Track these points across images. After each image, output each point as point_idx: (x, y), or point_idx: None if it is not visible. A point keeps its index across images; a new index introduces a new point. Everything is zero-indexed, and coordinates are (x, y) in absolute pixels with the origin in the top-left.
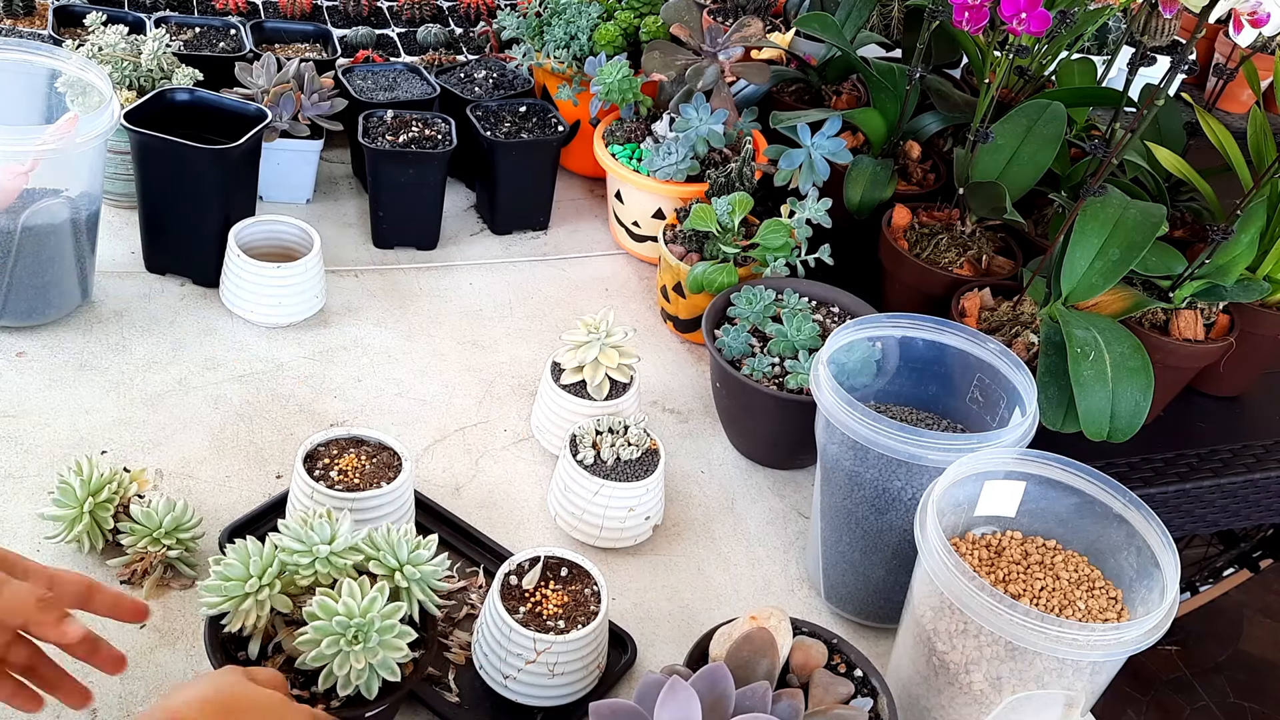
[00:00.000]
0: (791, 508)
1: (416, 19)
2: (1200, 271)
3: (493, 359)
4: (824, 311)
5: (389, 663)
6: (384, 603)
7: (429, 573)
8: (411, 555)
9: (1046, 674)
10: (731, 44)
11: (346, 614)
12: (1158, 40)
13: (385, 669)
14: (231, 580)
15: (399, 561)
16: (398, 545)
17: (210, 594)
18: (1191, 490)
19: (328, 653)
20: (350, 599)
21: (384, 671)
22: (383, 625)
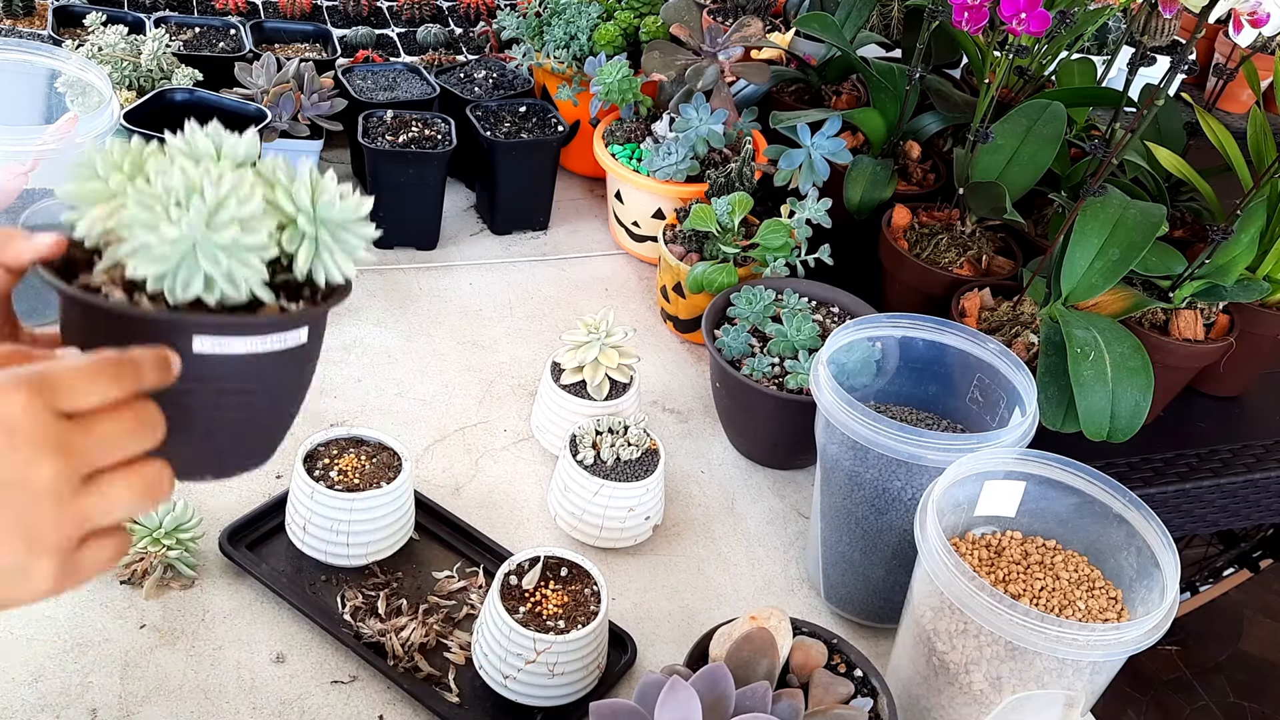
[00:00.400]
0: (791, 508)
1: (416, 19)
2: (1200, 271)
3: (493, 359)
4: (824, 311)
5: (243, 257)
6: (253, 198)
7: (337, 218)
8: (323, 203)
9: (1046, 674)
10: (731, 44)
11: (182, 181)
12: (1158, 40)
13: (245, 264)
14: (89, 171)
15: (297, 203)
16: (310, 182)
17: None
18: (1191, 490)
19: (140, 215)
20: (191, 165)
21: (223, 279)
22: (222, 200)
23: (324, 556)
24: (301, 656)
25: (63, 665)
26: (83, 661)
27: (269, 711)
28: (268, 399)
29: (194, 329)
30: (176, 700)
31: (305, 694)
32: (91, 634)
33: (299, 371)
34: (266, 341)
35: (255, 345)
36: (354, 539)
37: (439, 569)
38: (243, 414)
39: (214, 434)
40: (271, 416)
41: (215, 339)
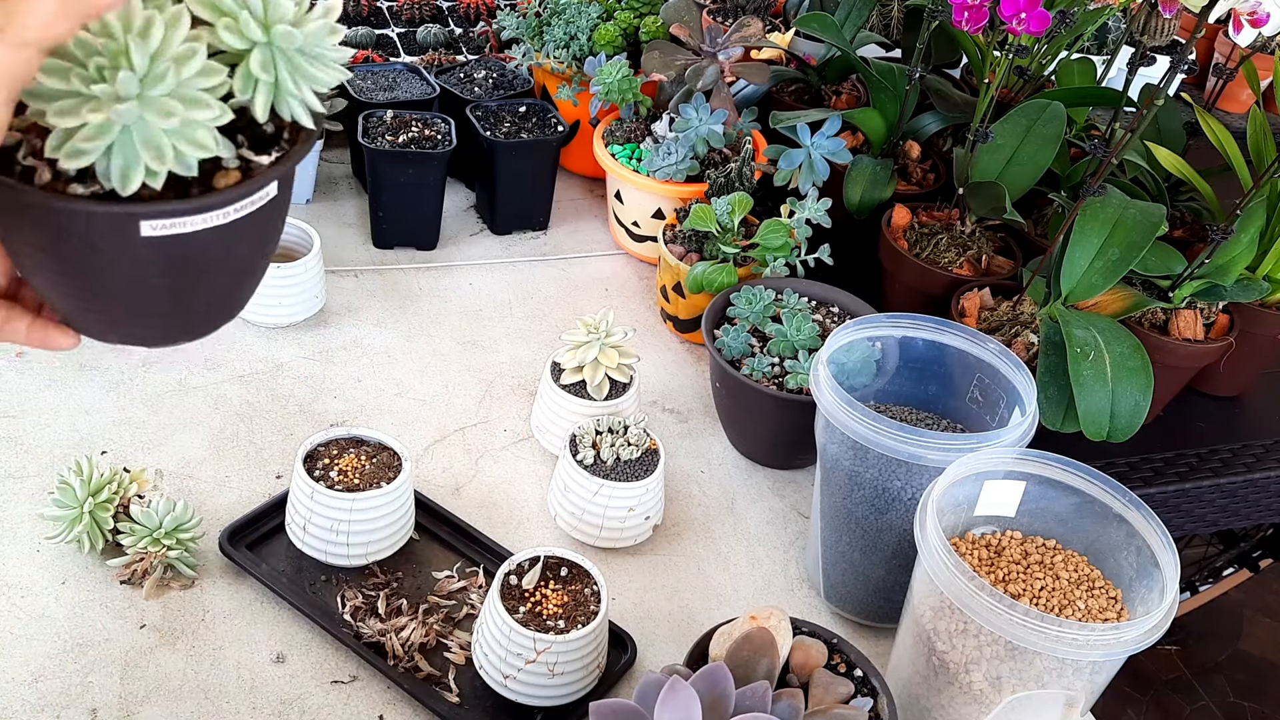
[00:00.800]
0: (791, 508)
1: (416, 19)
2: (1200, 271)
3: (493, 359)
4: (824, 311)
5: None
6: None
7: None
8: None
9: (1046, 674)
10: (731, 44)
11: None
12: (1157, 40)
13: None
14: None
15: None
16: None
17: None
18: (1191, 490)
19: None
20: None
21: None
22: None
23: (324, 556)
24: (301, 656)
25: (63, 665)
26: (83, 661)
27: (269, 711)
28: (236, 260)
29: (140, 216)
30: (176, 700)
31: (305, 694)
32: (91, 634)
33: (267, 224)
34: (228, 213)
35: (215, 219)
36: (354, 539)
37: (439, 569)
38: (210, 280)
39: (181, 304)
40: (243, 274)
41: (167, 222)
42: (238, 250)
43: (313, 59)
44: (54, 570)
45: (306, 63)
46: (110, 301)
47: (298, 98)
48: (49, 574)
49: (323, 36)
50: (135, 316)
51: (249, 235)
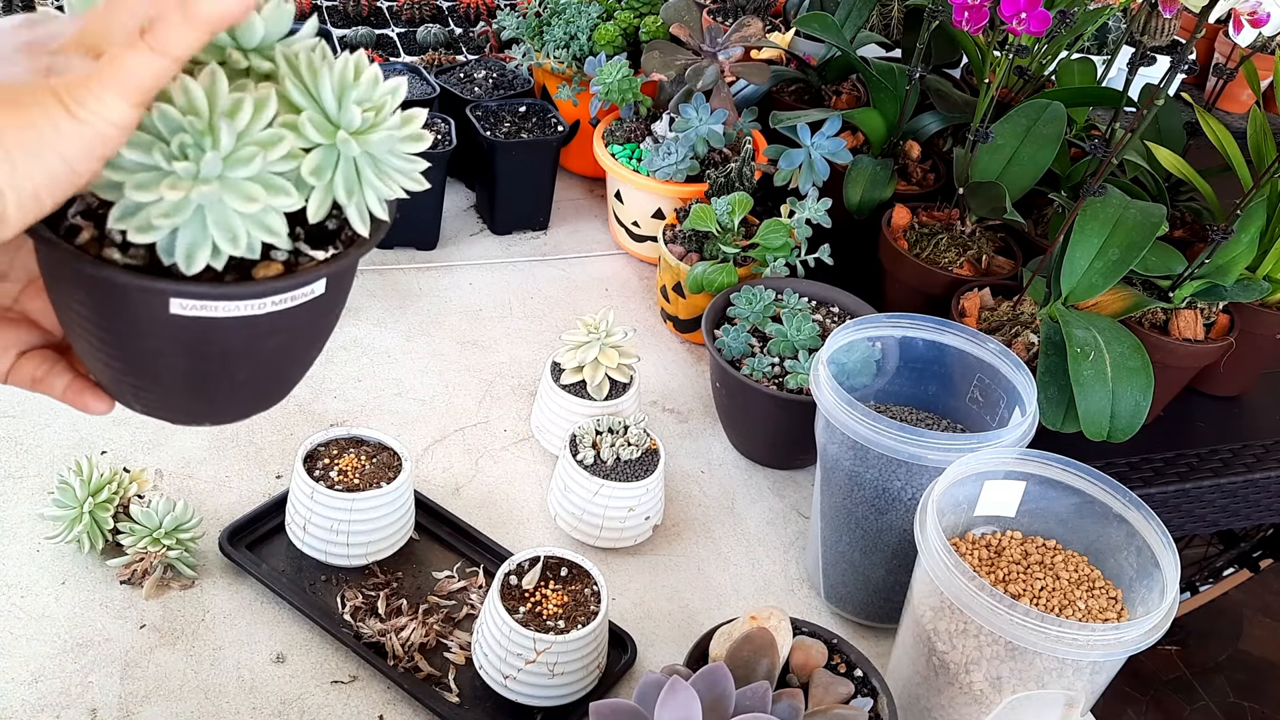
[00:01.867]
0: (791, 508)
1: (416, 19)
2: (1200, 271)
3: (493, 359)
4: (824, 311)
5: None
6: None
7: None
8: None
9: (1046, 674)
10: (731, 44)
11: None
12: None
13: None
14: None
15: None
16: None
17: None
18: (1191, 490)
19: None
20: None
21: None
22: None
23: (324, 556)
24: (301, 656)
25: (63, 665)
26: (83, 661)
27: (269, 711)
28: (264, 355)
29: (171, 294)
30: (176, 700)
31: (305, 694)
32: (91, 634)
33: (309, 322)
34: (263, 304)
35: (247, 309)
36: (354, 539)
37: (439, 569)
38: (234, 370)
39: (215, 389)
40: (277, 370)
41: (198, 303)
42: (268, 344)
43: (378, 167)
44: (54, 570)
45: (370, 169)
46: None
47: (355, 203)
48: (49, 574)
49: (392, 146)
50: (157, 390)
51: (285, 331)
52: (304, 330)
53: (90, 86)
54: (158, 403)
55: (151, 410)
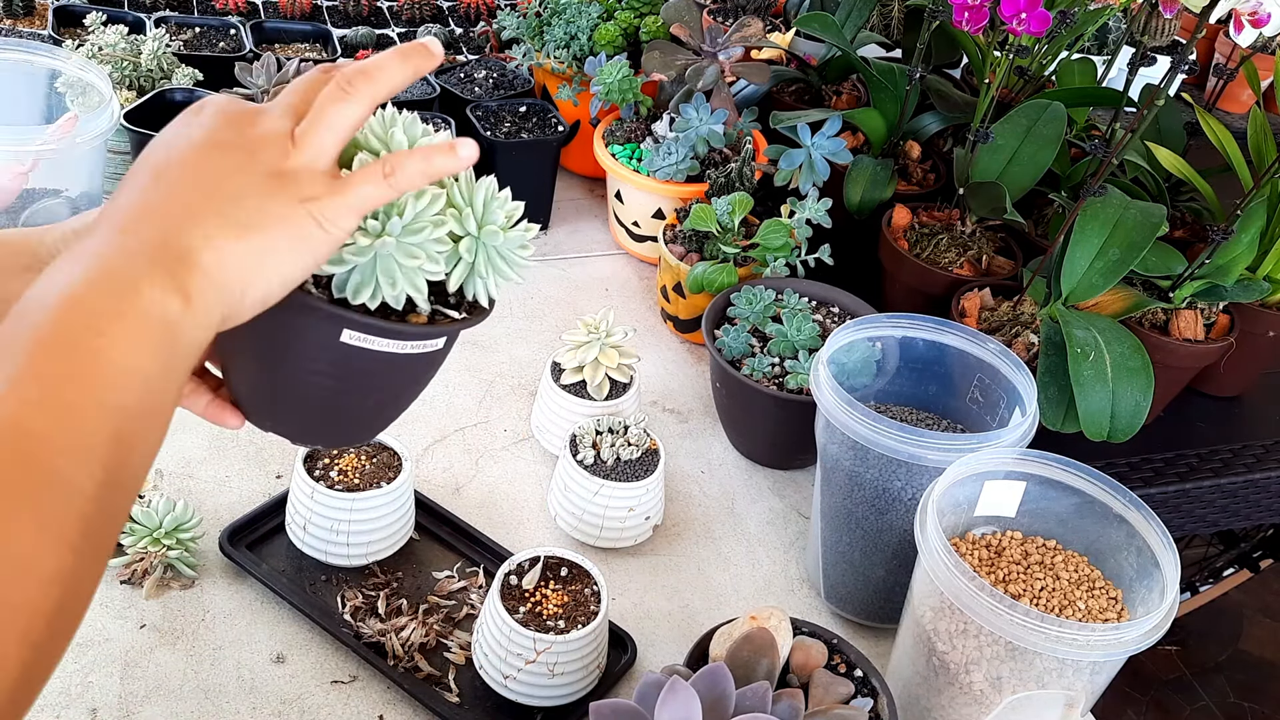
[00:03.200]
0: (791, 508)
1: (416, 19)
2: (1200, 271)
3: (493, 359)
4: (824, 311)
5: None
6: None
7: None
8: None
9: (1046, 674)
10: (731, 44)
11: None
12: (1158, 40)
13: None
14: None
15: (466, 227)
16: (484, 202)
17: None
18: (1191, 490)
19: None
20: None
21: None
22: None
23: (324, 556)
24: (301, 656)
25: (63, 665)
26: (83, 661)
27: (269, 711)
28: (390, 391)
29: (346, 323)
30: (176, 700)
31: (305, 694)
32: (91, 634)
33: (426, 371)
34: (404, 345)
35: (396, 347)
36: (354, 539)
37: (439, 569)
38: (368, 399)
39: (346, 411)
40: (390, 404)
41: (363, 336)
42: (397, 379)
43: (504, 258)
44: None
45: (500, 259)
46: (283, 387)
47: (484, 281)
48: None
49: (516, 245)
50: (296, 409)
51: (411, 370)
52: (421, 375)
53: (338, 209)
54: (289, 419)
55: (278, 427)
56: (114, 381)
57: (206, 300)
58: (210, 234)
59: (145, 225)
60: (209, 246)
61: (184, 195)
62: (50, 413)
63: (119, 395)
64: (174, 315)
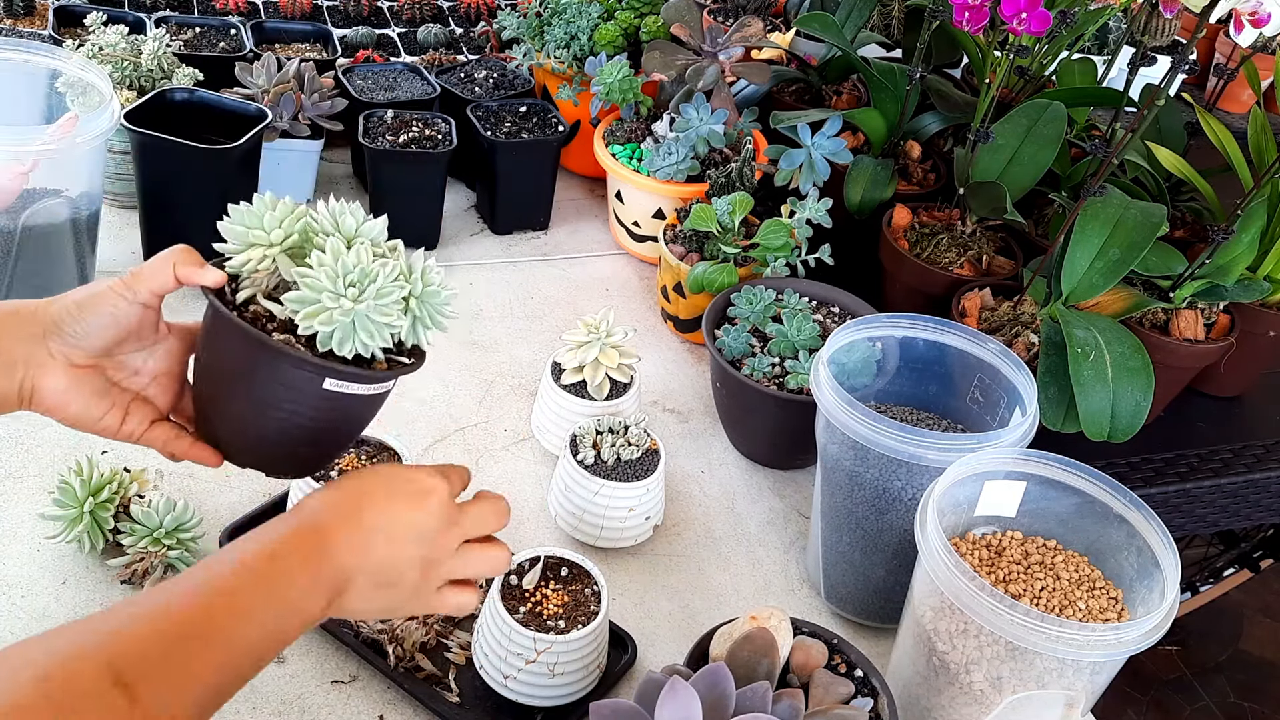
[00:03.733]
0: (791, 508)
1: (416, 19)
2: (1200, 271)
3: (493, 359)
4: (824, 311)
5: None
6: (390, 275)
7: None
8: (427, 290)
9: (1047, 674)
10: (732, 44)
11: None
12: (1158, 40)
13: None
14: (251, 229)
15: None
16: (422, 270)
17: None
18: (1191, 490)
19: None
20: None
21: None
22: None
23: None
24: (301, 656)
25: None
26: None
27: (269, 711)
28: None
29: (330, 374)
30: None
31: (305, 694)
32: None
33: (377, 407)
34: (370, 388)
35: (364, 389)
36: None
37: None
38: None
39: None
40: (346, 438)
41: (341, 382)
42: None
43: (439, 312)
44: (54, 570)
45: (435, 313)
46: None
47: (425, 333)
48: (49, 574)
49: (445, 302)
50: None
51: (370, 408)
52: (374, 411)
53: (435, 608)
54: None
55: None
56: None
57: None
58: (368, 601)
59: (334, 578)
60: (360, 601)
61: (376, 571)
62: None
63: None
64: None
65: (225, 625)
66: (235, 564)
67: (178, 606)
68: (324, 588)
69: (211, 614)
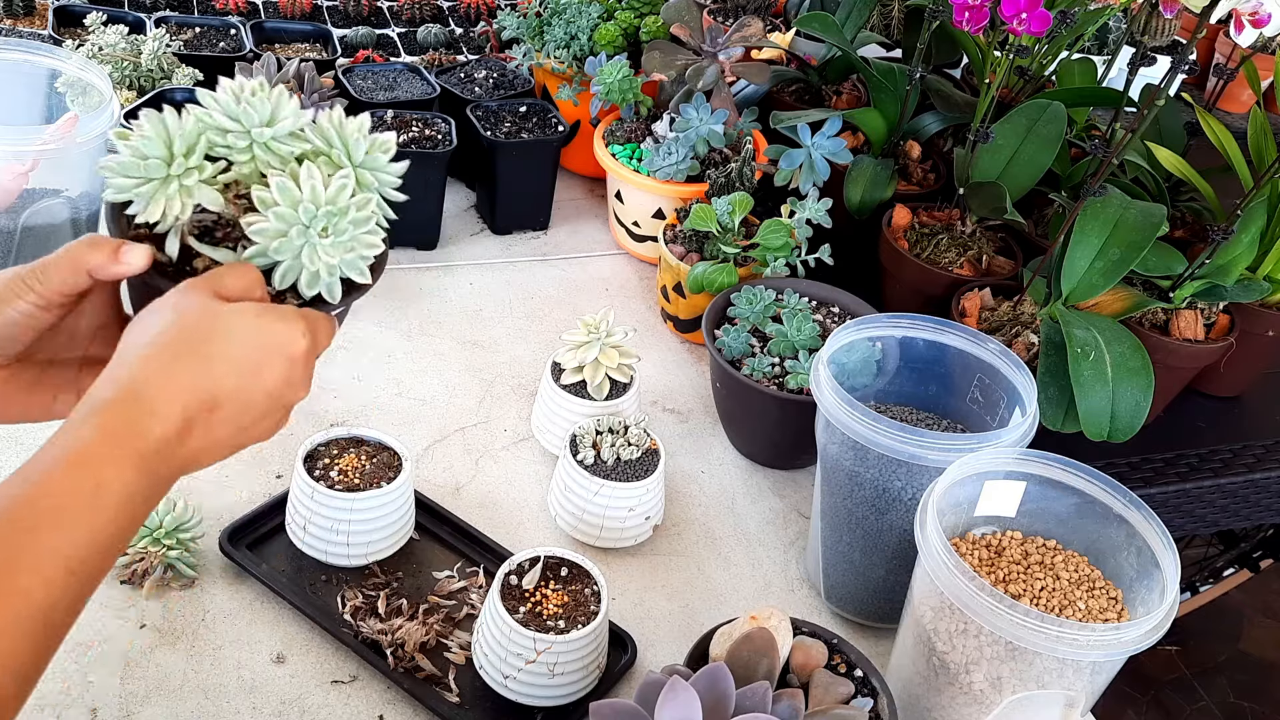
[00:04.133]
0: (791, 508)
1: (416, 19)
2: (1200, 271)
3: (493, 359)
4: (824, 311)
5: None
6: (351, 193)
7: (386, 180)
8: (368, 157)
9: (1046, 674)
10: (731, 44)
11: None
12: (1158, 40)
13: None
14: (149, 159)
15: (352, 160)
16: (353, 143)
17: (119, 174)
18: (1191, 490)
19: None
20: (315, 184)
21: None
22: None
23: (324, 556)
24: (301, 656)
25: (63, 665)
26: (83, 662)
27: (269, 711)
28: None
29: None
30: (176, 700)
31: (305, 694)
32: (91, 634)
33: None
34: (343, 314)
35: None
36: (354, 539)
37: (439, 569)
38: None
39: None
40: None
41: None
42: None
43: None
44: None
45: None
46: None
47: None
48: None
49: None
50: None
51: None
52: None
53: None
54: None
55: None
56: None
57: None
58: (214, 452)
59: (163, 423)
60: (206, 457)
61: (222, 430)
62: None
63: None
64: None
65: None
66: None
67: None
68: (149, 476)
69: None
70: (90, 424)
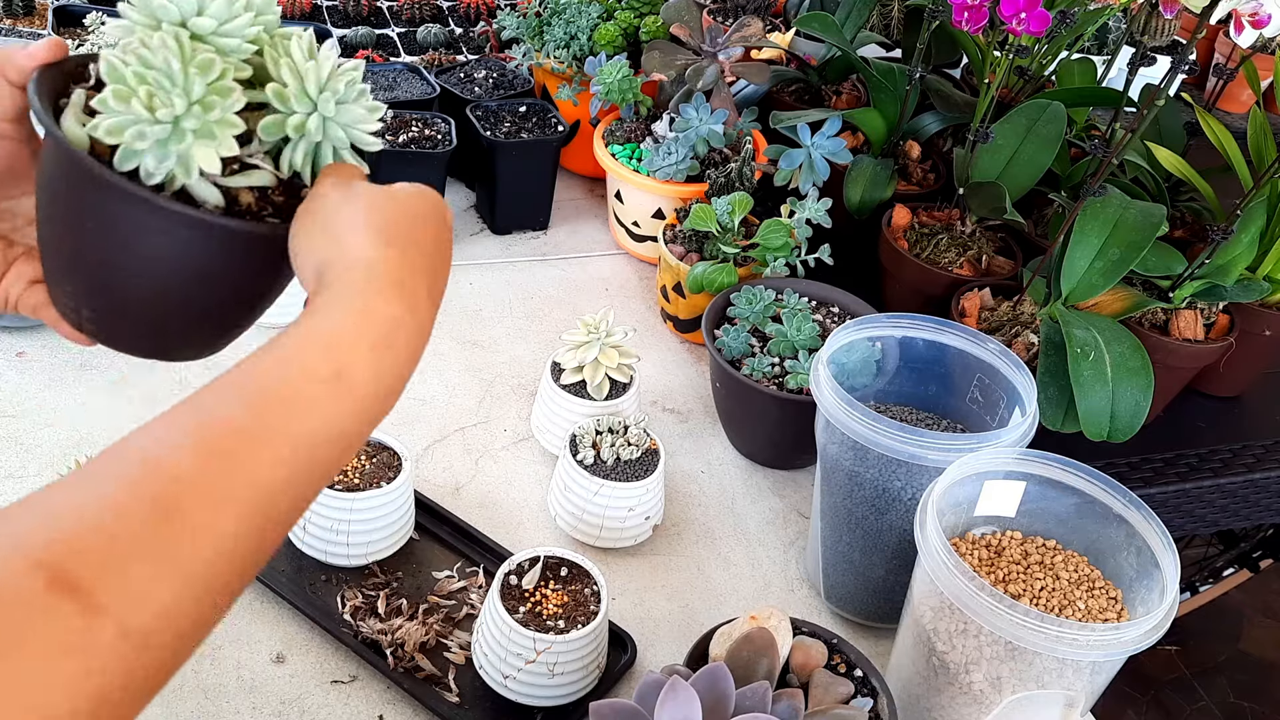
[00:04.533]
0: (791, 508)
1: (416, 19)
2: (1200, 271)
3: (493, 359)
4: (824, 311)
5: (365, 127)
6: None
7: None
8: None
9: (1046, 674)
10: (731, 44)
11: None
12: (1158, 40)
13: (363, 134)
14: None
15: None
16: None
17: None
18: (1191, 490)
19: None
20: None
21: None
22: (351, 78)
23: (324, 556)
24: (301, 656)
25: None
26: None
27: (269, 711)
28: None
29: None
30: (176, 700)
31: (305, 694)
32: None
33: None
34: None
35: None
36: (354, 539)
37: (439, 569)
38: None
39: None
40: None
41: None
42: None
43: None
44: None
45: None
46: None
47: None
48: None
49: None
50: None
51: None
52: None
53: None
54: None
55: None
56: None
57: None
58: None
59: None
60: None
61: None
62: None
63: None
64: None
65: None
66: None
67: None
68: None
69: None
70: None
